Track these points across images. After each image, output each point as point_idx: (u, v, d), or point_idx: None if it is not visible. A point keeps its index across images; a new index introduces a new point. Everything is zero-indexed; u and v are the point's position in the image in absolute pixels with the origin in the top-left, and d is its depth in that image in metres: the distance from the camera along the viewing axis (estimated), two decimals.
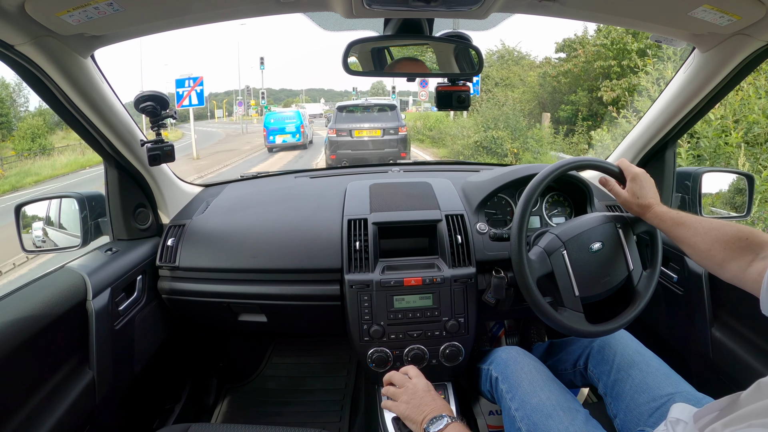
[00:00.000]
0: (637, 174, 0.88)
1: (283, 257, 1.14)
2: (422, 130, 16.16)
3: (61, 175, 13.92)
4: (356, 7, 0.77)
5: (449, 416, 0.76)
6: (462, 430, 0.74)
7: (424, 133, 15.77)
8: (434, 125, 15.37)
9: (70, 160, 15.99)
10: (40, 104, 23.33)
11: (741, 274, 0.71)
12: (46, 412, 0.79)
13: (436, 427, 0.74)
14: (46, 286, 0.87)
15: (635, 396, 0.87)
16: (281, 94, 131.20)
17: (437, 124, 15.31)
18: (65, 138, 19.85)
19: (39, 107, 22.09)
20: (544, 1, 0.79)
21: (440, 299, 1.07)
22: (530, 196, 0.89)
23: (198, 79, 11.61)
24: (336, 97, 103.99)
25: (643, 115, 1.25)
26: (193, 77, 11.61)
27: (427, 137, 15.25)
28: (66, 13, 0.69)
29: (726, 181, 1.32)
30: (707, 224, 0.78)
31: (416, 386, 0.85)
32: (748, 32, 0.83)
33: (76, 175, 13.96)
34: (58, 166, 15.07)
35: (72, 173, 14.31)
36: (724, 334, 0.99)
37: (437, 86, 1.03)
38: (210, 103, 57.99)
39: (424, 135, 15.62)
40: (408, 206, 1.20)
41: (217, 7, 0.81)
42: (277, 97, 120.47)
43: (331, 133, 7.93)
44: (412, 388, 0.85)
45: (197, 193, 1.44)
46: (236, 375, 1.71)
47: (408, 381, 0.87)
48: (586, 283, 0.90)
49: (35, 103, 25.89)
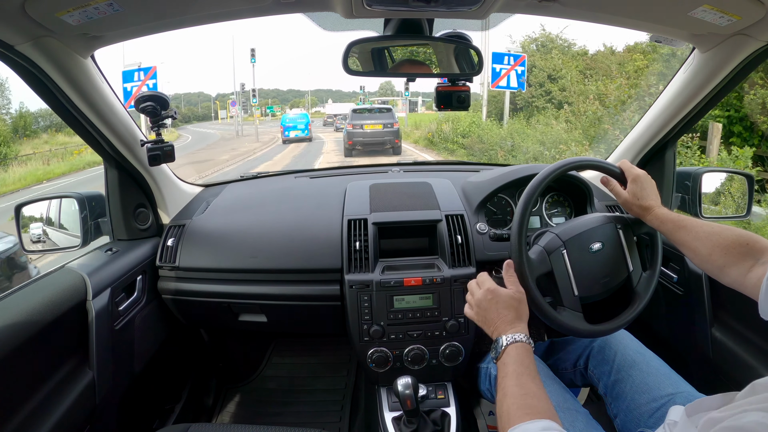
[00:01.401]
0: (638, 175, 0.88)
1: (283, 257, 1.14)
2: (451, 135, 12.31)
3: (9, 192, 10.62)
4: (356, 7, 0.77)
5: (506, 336, 0.73)
6: (513, 354, 0.71)
7: (455, 140, 12.04)
8: (469, 130, 11.73)
9: (29, 171, 12.91)
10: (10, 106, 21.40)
11: (741, 279, 0.71)
12: (46, 412, 0.79)
13: (494, 353, 0.74)
14: (46, 286, 0.87)
15: (635, 396, 0.87)
16: (289, 94, 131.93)
17: (473, 128, 11.62)
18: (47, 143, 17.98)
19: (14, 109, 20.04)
20: (544, 2, 0.79)
21: (440, 299, 1.07)
22: (530, 196, 0.89)
23: (150, 69, 9.01)
24: (344, 97, 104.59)
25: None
26: (145, 68, 9.08)
27: (460, 146, 11.54)
28: (66, 13, 0.69)
29: (725, 181, 1.32)
30: (708, 228, 0.77)
31: (480, 302, 0.81)
32: (748, 32, 0.83)
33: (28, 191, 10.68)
34: (9, 181, 11.73)
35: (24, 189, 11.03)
36: (724, 334, 0.99)
37: (437, 86, 1.03)
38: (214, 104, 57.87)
39: (455, 143, 11.87)
40: (408, 206, 1.20)
41: (217, 8, 0.81)
42: (285, 97, 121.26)
43: (349, 126, 11.96)
44: (477, 301, 0.82)
45: (197, 193, 1.44)
46: (236, 375, 1.71)
47: (477, 291, 0.83)
48: (586, 283, 0.90)
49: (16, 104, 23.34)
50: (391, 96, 50.93)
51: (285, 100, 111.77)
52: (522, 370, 0.68)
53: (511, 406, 0.63)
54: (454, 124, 12.66)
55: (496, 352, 0.73)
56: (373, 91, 61.38)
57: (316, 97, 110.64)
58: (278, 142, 18.79)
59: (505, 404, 0.64)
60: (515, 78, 9.47)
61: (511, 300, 0.79)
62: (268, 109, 48.36)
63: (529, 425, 0.59)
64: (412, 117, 25.64)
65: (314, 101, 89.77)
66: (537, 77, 12.38)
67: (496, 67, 9.39)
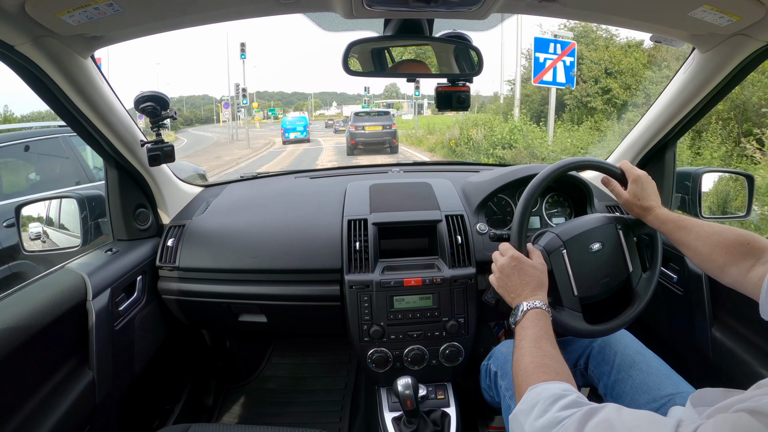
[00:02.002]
0: (639, 176, 0.88)
1: (283, 257, 1.14)
2: (484, 145, 9.18)
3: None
4: (356, 7, 0.77)
5: (527, 302, 0.75)
6: (533, 319, 0.72)
7: (491, 151, 8.86)
8: (511, 138, 8.73)
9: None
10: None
11: (741, 278, 0.71)
12: (46, 412, 0.79)
13: (513, 319, 0.75)
14: (46, 286, 0.87)
15: (635, 396, 0.87)
16: (293, 97, 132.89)
17: (517, 136, 8.68)
18: None
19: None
20: (543, 2, 0.79)
21: (440, 299, 1.07)
22: (530, 196, 0.89)
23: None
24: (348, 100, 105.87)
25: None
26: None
27: (498, 159, 8.40)
28: (66, 13, 0.69)
29: (724, 181, 1.32)
30: (708, 228, 0.78)
31: (503, 268, 0.82)
32: (747, 32, 0.83)
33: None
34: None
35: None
36: (724, 334, 0.99)
37: (437, 86, 1.03)
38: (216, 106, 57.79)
39: (495, 155, 8.62)
40: (408, 207, 1.20)
41: (217, 8, 0.81)
42: (289, 100, 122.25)
43: (351, 128, 13.28)
44: (500, 267, 0.83)
45: (197, 194, 1.44)
46: (236, 375, 1.71)
47: (500, 259, 0.84)
48: (585, 284, 0.90)
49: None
50: (396, 98, 51.02)
51: (289, 102, 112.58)
52: (541, 333, 0.69)
53: (529, 365, 0.64)
54: (488, 130, 9.53)
55: (515, 317, 0.74)
56: (378, 94, 61.69)
57: (321, 99, 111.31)
58: (271, 148, 17.97)
59: (523, 363, 0.65)
60: (563, 71, 7.35)
61: (534, 270, 0.80)
62: (270, 111, 48.35)
63: (549, 385, 0.59)
64: (422, 120, 23.51)
65: (319, 104, 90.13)
66: (591, 71, 10.11)
67: (540, 57, 7.18)
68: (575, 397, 0.56)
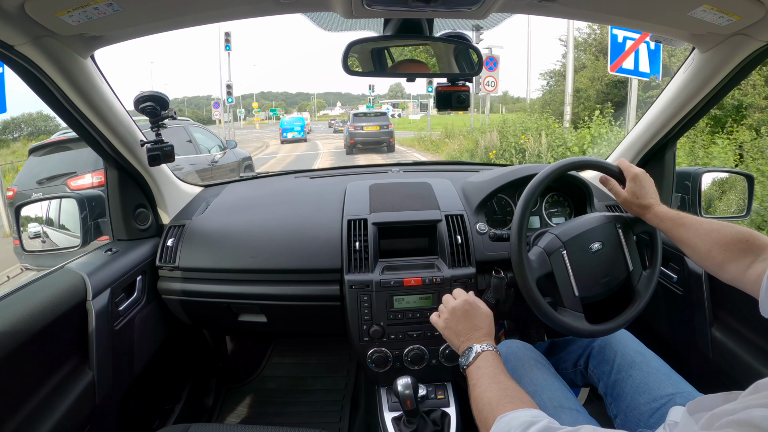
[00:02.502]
0: (637, 174, 0.88)
1: (283, 257, 1.14)
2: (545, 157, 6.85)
3: None
4: (356, 7, 0.77)
5: (479, 345, 0.75)
6: (488, 359, 0.73)
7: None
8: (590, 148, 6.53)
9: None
10: None
11: (740, 275, 0.71)
12: (46, 412, 0.79)
13: (465, 360, 0.75)
14: (46, 286, 0.87)
15: (636, 396, 0.87)
16: (297, 97, 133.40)
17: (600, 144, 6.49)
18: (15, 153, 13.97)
19: None
20: (543, 2, 0.79)
21: (440, 299, 1.07)
22: (530, 196, 0.89)
23: None
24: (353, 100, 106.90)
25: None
26: None
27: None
28: (66, 13, 0.69)
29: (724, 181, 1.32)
30: (707, 225, 0.78)
31: (454, 311, 0.83)
32: (747, 32, 0.83)
33: None
34: None
35: None
36: (724, 334, 0.99)
37: (437, 86, 1.03)
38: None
39: None
40: (408, 206, 1.20)
41: (217, 8, 0.81)
42: (293, 100, 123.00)
43: (351, 128, 13.62)
44: (451, 309, 0.83)
45: (197, 194, 1.44)
46: (236, 375, 1.71)
47: (450, 302, 0.85)
48: (586, 284, 0.90)
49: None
50: (401, 98, 50.94)
51: (293, 103, 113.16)
52: (497, 371, 0.70)
53: (493, 398, 0.64)
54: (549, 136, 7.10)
55: (467, 360, 0.75)
56: (383, 94, 61.79)
57: (325, 100, 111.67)
58: (261, 153, 16.37)
59: (485, 397, 0.65)
60: (647, 58, 5.25)
61: (486, 317, 0.82)
62: (271, 111, 48.39)
63: (517, 413, 0.59)
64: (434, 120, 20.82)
65: (322, 104, 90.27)
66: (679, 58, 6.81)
67: (618, 36, 5.19)
68: (546, 422, 0.56)
